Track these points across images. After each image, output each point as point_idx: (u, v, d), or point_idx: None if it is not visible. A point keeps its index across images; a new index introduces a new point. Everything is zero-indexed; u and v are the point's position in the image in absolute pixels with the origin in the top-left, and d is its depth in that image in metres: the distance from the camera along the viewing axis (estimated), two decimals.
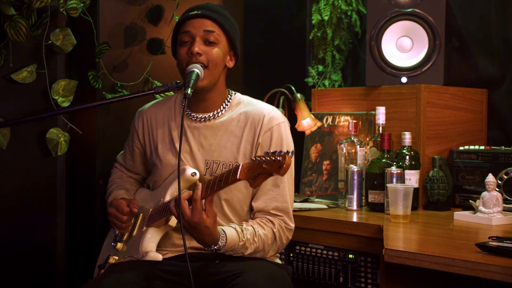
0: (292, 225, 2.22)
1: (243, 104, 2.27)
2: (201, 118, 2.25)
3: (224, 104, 2.26)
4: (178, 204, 1.95)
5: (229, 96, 2.29)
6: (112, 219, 2.25)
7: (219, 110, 2.25)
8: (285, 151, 1.78)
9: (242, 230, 2.08)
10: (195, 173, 2.13)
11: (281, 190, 2.19)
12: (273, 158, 1.77)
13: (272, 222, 2.17)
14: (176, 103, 2.32)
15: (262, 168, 1.80)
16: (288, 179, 2.21)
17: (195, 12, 2.19)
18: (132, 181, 2.44)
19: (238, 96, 2.31)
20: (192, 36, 2.17)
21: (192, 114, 2.26)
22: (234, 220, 2.20)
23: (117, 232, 2.28)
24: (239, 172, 1.86)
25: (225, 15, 2.24)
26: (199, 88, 2.15)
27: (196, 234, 1.98)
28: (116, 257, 2.25)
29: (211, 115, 2.25)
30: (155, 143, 2.30)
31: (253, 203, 2.21)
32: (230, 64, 2.26)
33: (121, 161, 2.47)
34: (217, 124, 2.23)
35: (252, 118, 2.22)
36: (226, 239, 2.02)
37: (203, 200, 1.97)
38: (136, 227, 2.25)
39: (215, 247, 2.01)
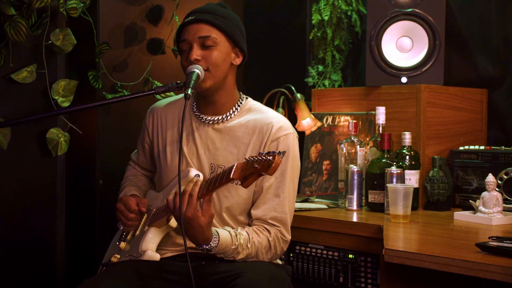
0: (289, 237, 2.20)
1: (253, 111, 2.25)
2: (209, 120, 2.23)
3: (234, 108, 2.24)
4: (179, 205, 1.96)
5: (240, 100, 2.27)
6: (119, 215, 2.25)
7: (228, 114, 2.23)
8: (278, 152, 1.78)
9: (236, 235, 2.07)
10: (199, 175, 2.13)
11: (281, 201, 2.17)
12: (264, 158, 1.78)
13: (268, 230, 2.15)
14: (187, 104, 2.31)
15: (253, 168, 1.80)
16: (289, 190, 2.19)
17: (189, 18, 2.18)
18: (145, 180, 2.44)
19: (250, 102, 2.28)
20: (189, 43, 2.16)
21: (201, 116, 2.25)
22: (233, 226, 2.19)
23: (121, 227, 2.29)
24: (233, 172, 1.86)
25: (223, 14, 2.20)
26: (204, 89, 2.15)
27: (189, 230, 1.96)
28: (118, 256, 2.25)
29: (219, 118, 2.23)
30: (164, 143, 2.29)
31: (252, 211, 2.19)
32: (237, 61, 2.23)
33: (135, 159, 2.47)
34: (226, 129, 2.22)
35: (261, 127, 2.19)
36: (219, 240, 2.01)
37: (201, 199, 1.97)
38: (140, 227, 2.25)
39: (207, 247, 2.00)
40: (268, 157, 1.77)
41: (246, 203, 2.20)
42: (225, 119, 2.23)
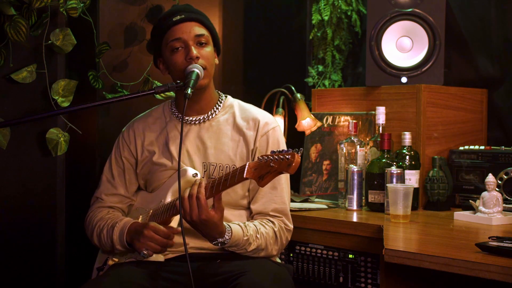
0: (291, 226, 2.25)
1: (236, 108, 2.30)
2: (195, 120, 2.26)
3: (216, 105, 2.29)
4: (179, 204, 1.97)
5: (220, 97, 2.32)
6: (149, 243, 2.07)
7: (212, 111, 2.27)
8: (293, 150, 1.80)
9: (245, 226, 2.10)
10: (197, 174, 2.14)
11: (278, 192, 2.22)
12: (282, 157, 1.80)
13: (272, 222, 2.19)
14: (165, 110, 2.34)
15: (269, 167, 1.82)
16: (284, 181, 2.24)
17: (179, 17, 2.20)
18: (119, 213, 2.33)
19: (229, 99, 2.34)
20: (185, 42, 2.18)
21: (186, 118, 2.27)
22: (230, 219, 2.20)
23: (146, 252, 2.07)
24: (245, 171, 1.88)
25: (204, 14, 2.28)
26: (202, 87, 2.19)
27: (204, 229, 2.01)
28: (116, 259, 2.24)
29: (205, 117, 2.26)
30: (150, 151, 2.29)
31: (251, 206, 2.22)
32: (216, 61, 2.31)
33: (101, 195, 2.35)
34: (213, 127, 2.25)
35: (247, 123, 2.25)
36: (232, 232, 2.04)
37: (210, 198, 1.98)
38: None
39: (221, 240, 2.03)
40: (287, 156, 1.79)
41: (242, 198, 2.23)
42: (210, 116, 2.27)
